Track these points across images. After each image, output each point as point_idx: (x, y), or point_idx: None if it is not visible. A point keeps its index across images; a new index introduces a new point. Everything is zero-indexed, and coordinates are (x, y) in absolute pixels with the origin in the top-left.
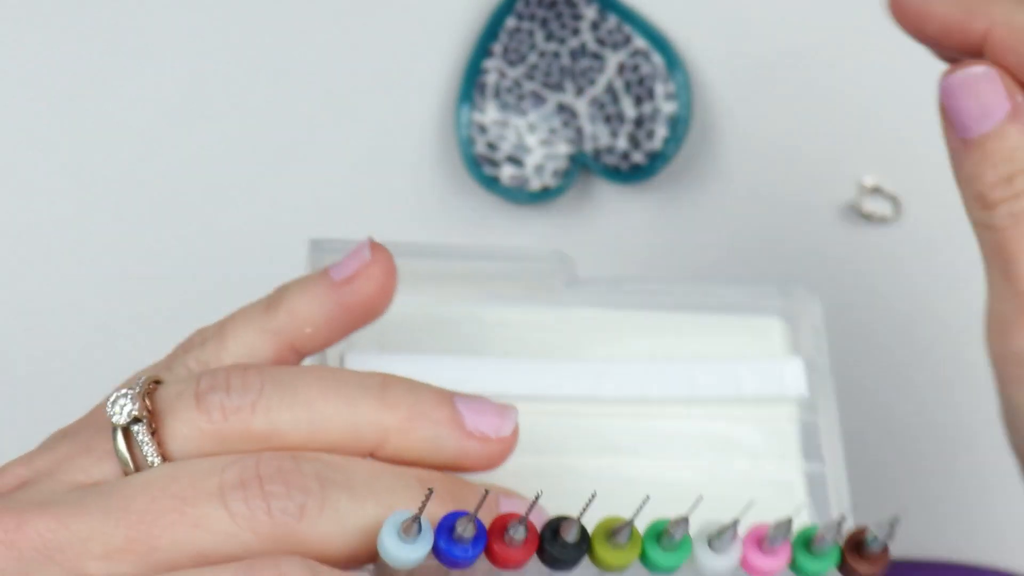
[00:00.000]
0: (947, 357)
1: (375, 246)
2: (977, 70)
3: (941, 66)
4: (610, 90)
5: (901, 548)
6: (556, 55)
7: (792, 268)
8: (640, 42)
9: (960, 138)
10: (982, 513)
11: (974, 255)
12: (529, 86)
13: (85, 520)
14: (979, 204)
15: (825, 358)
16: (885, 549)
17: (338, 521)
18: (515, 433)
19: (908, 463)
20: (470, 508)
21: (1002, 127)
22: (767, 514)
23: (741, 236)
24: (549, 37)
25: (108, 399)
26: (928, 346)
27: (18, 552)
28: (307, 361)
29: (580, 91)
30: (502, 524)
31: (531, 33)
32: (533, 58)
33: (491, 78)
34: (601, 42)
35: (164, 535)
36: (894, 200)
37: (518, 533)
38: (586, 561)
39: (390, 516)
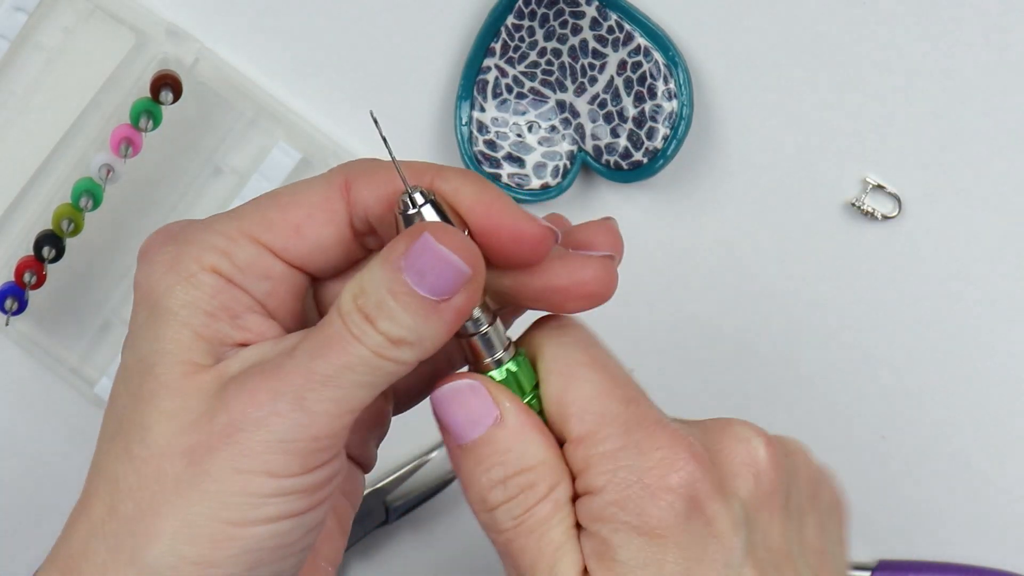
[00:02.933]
0: (948, 356)
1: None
2: (462, 383)
3: (942, 64)
4: (611, 88)
5: (901, 549)
6: (557, 53)
7: (792, 268)
8: (641, 40)
9: (456, 445)
10: (982, 513)
11: (975, 254)
12: (529, 84)
13: None
14: (481, 508)
15: None
16: None
17: None
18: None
19: (909, 463)
20: None
21: (490, 433)
22: None
23: (741, 235)
24: (549, 35)
25: None
26: (929, 344)
27: None
28: None
29: (581, 89)
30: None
31: (531, 31)
32: (533, 56)
33: (491, 76)
34: (602, 40)
35: None
36: (896, 198)
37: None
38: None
39: None
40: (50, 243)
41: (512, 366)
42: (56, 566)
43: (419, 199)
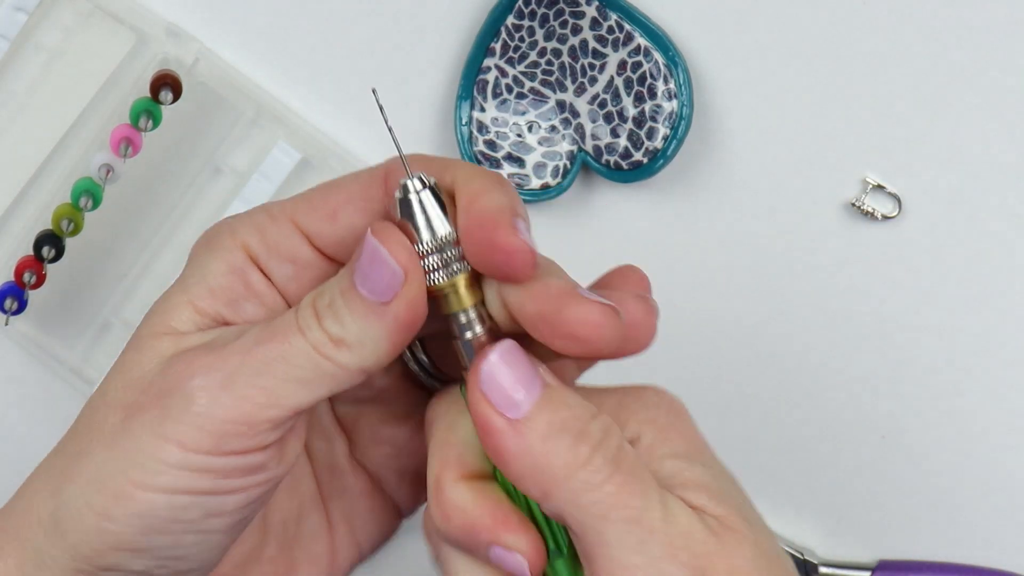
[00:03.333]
0: (948, 356)
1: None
2: (509, 342)
3: (942, 64)
4: (611, 88)
5: (901, 549)
6: (556, 53)
7: (792, 268)
8: (641, 40)
9: (511, 422)
10: (982, 513)
11: (975, 254)
12: (529, 84)
13: None
14: (572, 467)
15: None
16: None
17: None
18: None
19: (909, 463)
20: None
21: (547, 393)
22: None
23: (741, 235)
24: (549, 35)
25: None
26: (929, 344)
27: None
28: None
29: (581, 89)
30: None
31: (531, 31)
32: (533, 56)
33: (491, 76)
34: (602, 40)
35: None
36: (896, 198)
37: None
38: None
39: None
40: (50, 243)
41: None
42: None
43: (417, 185)
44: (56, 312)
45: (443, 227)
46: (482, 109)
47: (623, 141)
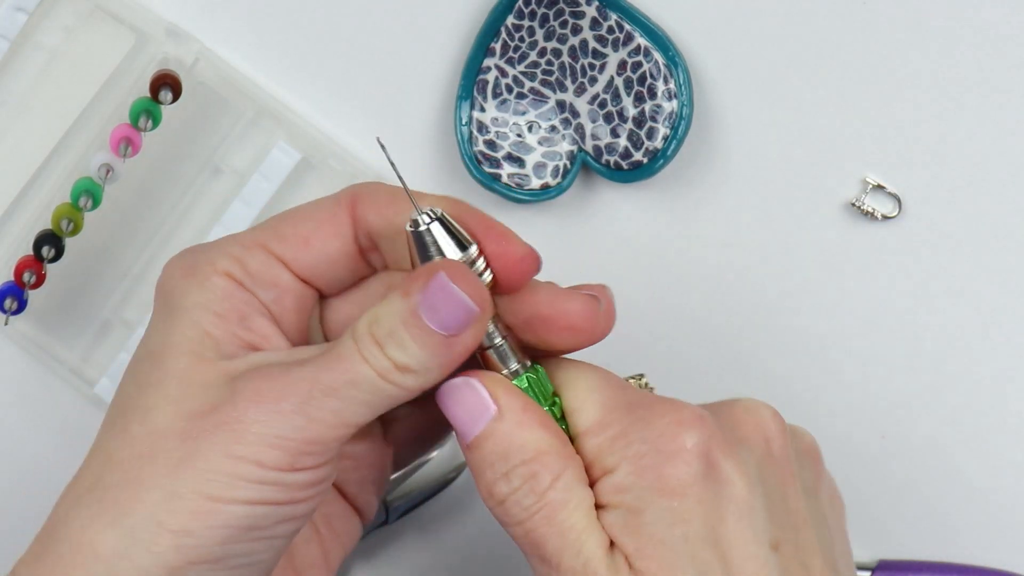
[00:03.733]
0: (948, 355)
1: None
2: (457, 380)
3: (942, 64)
4: (611, 88)
5: (901, 549)
6: (557, 53)
7: (792, 268)
8: (641, 40)
9: (464, 443)
10: (982, 513)
11: (975, 254)
12: (529, 84)
13: None
14: (492, 502)
15: None
16: None
17: None
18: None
19: (909, 463)
20: None
21: (490, 428)
22: None
23: (741, 235)
24: (549, 35)
25: None
26: (929, 344)
27: None
28: None
29: (581, 89)
30: None
31: (531, 31)
32: (533, 56)
33: (491, 76)
34: (602, 40)
35: None
36: (896, 198)
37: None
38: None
39: None
40: (49, 243)
41: (523, 382)
42: (39, 537)
43: (426, 218)
44: (56, 312)
45: (462, 250)
46: (482, 109)
47: (623, 141)
